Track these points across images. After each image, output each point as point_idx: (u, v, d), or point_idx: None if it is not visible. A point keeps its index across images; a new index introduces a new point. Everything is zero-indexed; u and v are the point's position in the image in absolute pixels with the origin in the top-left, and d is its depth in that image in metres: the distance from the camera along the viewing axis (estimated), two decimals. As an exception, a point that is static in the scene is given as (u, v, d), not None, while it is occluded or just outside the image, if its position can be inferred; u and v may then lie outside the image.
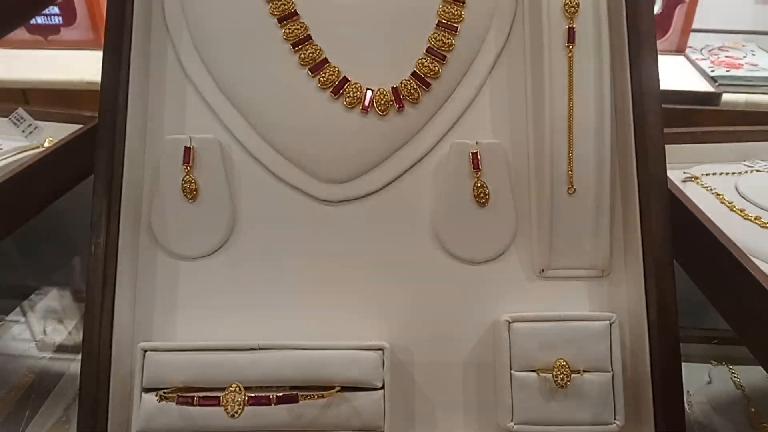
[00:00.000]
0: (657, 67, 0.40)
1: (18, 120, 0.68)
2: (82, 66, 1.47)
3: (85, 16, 1.56)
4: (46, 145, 0.68)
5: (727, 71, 1.15)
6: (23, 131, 0.69)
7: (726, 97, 1.10)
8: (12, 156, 0.66)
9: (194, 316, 0.41)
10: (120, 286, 0.39)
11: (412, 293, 0.41)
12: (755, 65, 1.18)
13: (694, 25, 1.31)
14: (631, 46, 0.40)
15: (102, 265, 0.38)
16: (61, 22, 1.58)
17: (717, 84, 1.12)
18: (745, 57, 1.24)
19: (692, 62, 1.25)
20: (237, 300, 0.41)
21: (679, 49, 1.32)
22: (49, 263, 0.72)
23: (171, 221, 0.41)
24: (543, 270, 0.41)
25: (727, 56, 1.26)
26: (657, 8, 1.29)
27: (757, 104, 1.09)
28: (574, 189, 0.40)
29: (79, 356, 0.58)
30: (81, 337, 0.61)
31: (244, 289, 0.41)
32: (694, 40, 1.34)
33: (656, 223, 0.39)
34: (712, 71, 1.16)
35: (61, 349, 0.60)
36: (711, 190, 0.60)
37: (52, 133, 0.70)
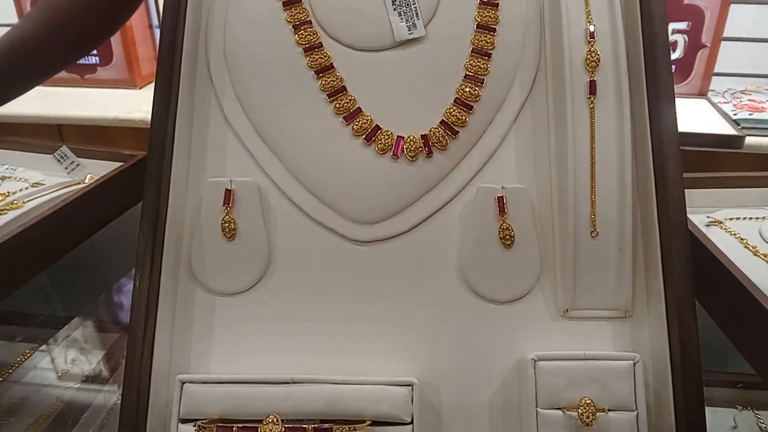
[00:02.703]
0: (675, 115, 0.41)
1: (62, 157, 0.72)
2: (116, 104, 1.54)
3: (121, 56, 1.63)
4: (87, 181, 0.71)
5: (750, 114, 1.16)
6: (66, 168, 0.73)
7: (749, 140, 1.11)
8: (55, 191, 0.69)
9: (229, 350, 0.43)
10: (160, 320, 0.41)
11: (439, 331, 0.42)
12: (778, 109, 1.19)
13: (716, 69, 1.32)
14: (650, 97, 0.42)
15: (145, 299, 0.40)
16: (97, 61, 1.66)
17: (740, 127, 1.13)
18: (768, 101, 1.25)
19: (714, 105, 1.26)
20: (270, 335, 0.43)
21: (701, 93, 1.33)
22: (80, 296, 0.74)
23: (210, 259, 0.43)
24: (567, 310, 0.42)
25: (749, 100, 1.27)
26: (679, 53, 1.31)
27: (780, 148, 1.09)
28: (597, 232, 0.41)
29: (105, 387, 0.60)
30: (106, 369, 0.62)
31: (277, 324, 0.43)
32: (716, 83, 1.35)
33: (678, 265, 0.40)
34: (734, 114, 1.17)
35: (88, 379, 0.62)
36: (735, 234, 0.60)
37: (93, 170, 0.74)
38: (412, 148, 0.43)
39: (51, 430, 0.53)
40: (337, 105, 0.44)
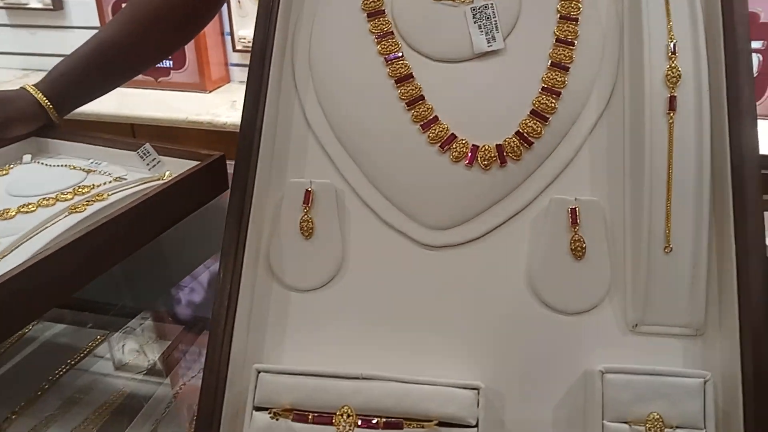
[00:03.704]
0: (757, 135, 0.41)
1: (144, 154, 0.77)
2: (186, 106, 1.62)
3: (194, 62, 1.71)
4: (167, 177, 0.75)
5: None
6: (147, 164, 0.77)
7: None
8: (137, 186, 0.73)
9: (300, 343, 0.44)
10: (240, 311, 0.43)
11: (506, 338, 0.43)
12: None
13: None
14: (731, 115, 0.41)
15: (228, 290, 0.43)
16: (171, 65, 1.74)
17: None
18: None
19: (790, 127, 1.21)
20: (340, 331, 0.44)
21: (776, 114, 1.28)
22: (149, 289, 0.78)
23: (287, 255, 0.45)
24: (636, 325, 0.42)
25: (828, 122, 1.21)
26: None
27: None
28: (671, 248, 0.41)
29: (165, 380, 0.62)
30: (165, 365, 0.65)
31: (347, 321, 0.44)
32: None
33: (754, 287, 0.39)
34: (811, 136, 1.12)
35: (149, 372, 0.64)
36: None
37: (171, 167, 0.78)
38: (487, 157, 0.44)
39: (112, 421, 0.55)
40: (415, 113, 0.45)
